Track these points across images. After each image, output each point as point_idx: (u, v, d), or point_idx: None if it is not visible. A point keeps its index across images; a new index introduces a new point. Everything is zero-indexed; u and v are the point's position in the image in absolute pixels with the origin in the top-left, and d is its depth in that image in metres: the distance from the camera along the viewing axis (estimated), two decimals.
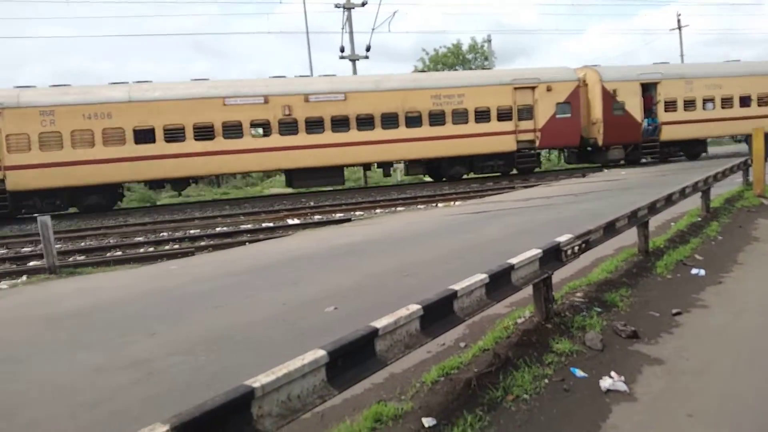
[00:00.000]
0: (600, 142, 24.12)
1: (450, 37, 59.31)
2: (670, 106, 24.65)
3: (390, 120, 21.31)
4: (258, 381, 2.25)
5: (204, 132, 19.51)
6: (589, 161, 25.86)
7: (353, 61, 28.91)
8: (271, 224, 15.49)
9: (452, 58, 44.91)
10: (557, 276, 5.58)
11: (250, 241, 12.70)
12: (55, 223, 10.02)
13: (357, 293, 6.50)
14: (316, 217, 16.29)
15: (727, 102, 25.45)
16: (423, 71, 33.37)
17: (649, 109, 24.69)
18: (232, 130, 19.76)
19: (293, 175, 21.53)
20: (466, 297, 3.85)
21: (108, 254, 12.40)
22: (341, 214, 16.46)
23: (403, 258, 8.34)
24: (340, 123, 20.72)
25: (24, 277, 9.91)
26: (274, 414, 2.34)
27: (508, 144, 22.81)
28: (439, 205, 17.38)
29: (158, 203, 22.10)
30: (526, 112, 23.13)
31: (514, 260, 4.45)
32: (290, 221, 15.78)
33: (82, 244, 14.07)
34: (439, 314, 3.56)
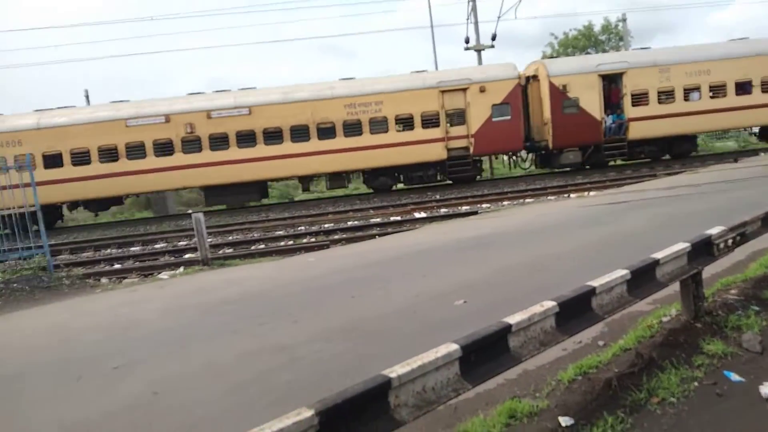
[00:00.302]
0: (550, 145, 21.40)
1: (580, 20, 56.01)
2: (640, 99, 21.26)
3: (300, 132, 20.21)
4: (394, 371, 2.33)
5: (108, 154, 19.82)
6: (545, 166, 23.11)
7: (478, 51, 28.45)
8: (398, 218, 15.81)
9: (584, 41, 42.52)
10: (707, 271, 5.14)
11: (380, 235, 13.08)
12: (207, 218, 11.00)
13: (486, 287, 6.46)
14: (443, 210, 16.35)
15: (718, 90, 21.57)
16: (552, 57, 31.88)
17: (616, 104, 21.57)
18: (135, 150, 19.88)
19: (205, 193, 21.25)
20: (605, 294, 3.69)
21: (252, 247, 13.43)
22: (468, 207, 16.36)
23: (533, 251, 8.13)
24: (246, 138, 20.05)
25: (181, 269, 11.02)
26: (410, 404, 2.41)
27: (436, 153, 20.69)
28: (572, 195, 16.65)
29: (296, 199, 23.36)
30: (458, 117, 20.95)
31: (658, 255, 4.17)
32: (417, 215, 15.98)
33: (230, 237, 15.34)
34: (575, 311, 3.44)
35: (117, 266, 12.64)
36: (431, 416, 3.49)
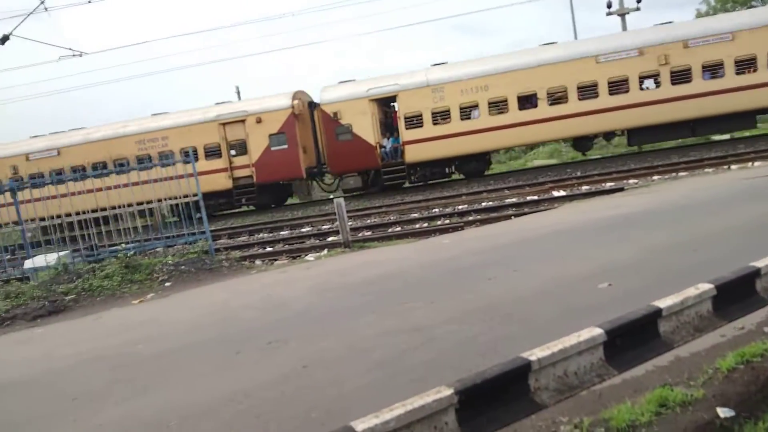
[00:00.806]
0: (331, 171, 21.55)
1: None
2: (414, 121, 20.00)
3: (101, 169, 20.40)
4: (534, 354, 2.30)
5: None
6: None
7: (622, 16, 26.42)
8: (535, 197, 15.31)
9: None
10: None
11: (516, 215, 12.78)
12: (347, 203, 11.48)
13: (633, 269, 6.08)
14: (584, 188, 15.54)
15: (497, 106, 19.76)
16: (708, 14, 28.66)
17: (396, 128, 20.52)
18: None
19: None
20: None
21: (389, 230, 13.81)
22: (612, 184, 15.39)
23: (687, 230, 7.48)
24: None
25: (325, 251, 11.64)
26: (551, 388, 2.37)
27: (221, 182, 20.95)
28: (733, 167, 14.98)
29: (429, 182, 23.49)
30: (240, 147, 21.28)
31: None
32: (555, 193, 15.35)
33: (368, 221, 15.89)
34: (737, 295, 3.13)
35: (269, 249, 13.68)
36: (573, 401, 3.40)
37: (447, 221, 13.78)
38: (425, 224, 13.94)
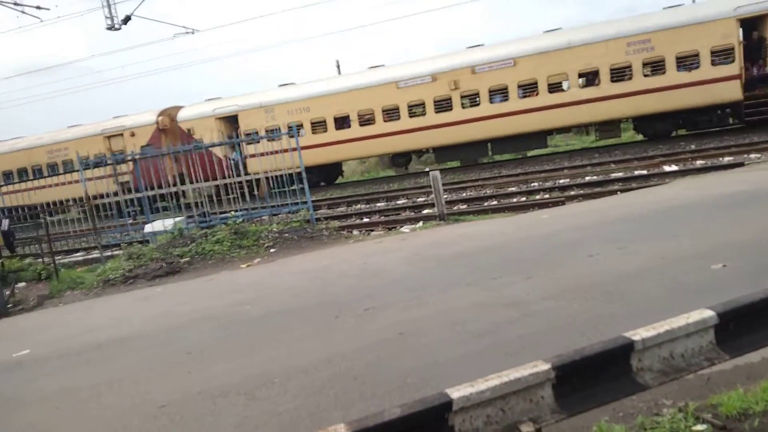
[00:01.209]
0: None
1: None
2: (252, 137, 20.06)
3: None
4: (638, 334, 2.23)
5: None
6: None
7: None
8: (644, 172, 14.44)
9: None
10: None
11: (622, 190, 12.15)
12: (442, 176, 11.45)
13: (752, 250, 5.63)
14: (698, 163, 14.44)
15: (319, 125, 21.99)
16: None
17: None
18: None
19: None
20: None
21: (485, 203, 13.63)
22: (731, 158, 14.18)
23: None
24: None
25: (420, 223, 11.72)
26: (655, 369, 2.29)
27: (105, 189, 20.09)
28: None
29: (528, 154, 22.87)
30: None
31: None
32: (667, 168, 14.39)
33: (464, 194, 15.76)
34: None
35: (365, 220, 13.99)
36: (678, 384, 3.25)
37: (547, 196, 13.37)
38: (523, 198, 13.62)
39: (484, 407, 1.93)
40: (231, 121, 23.33)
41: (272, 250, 10.08)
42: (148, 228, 11.98)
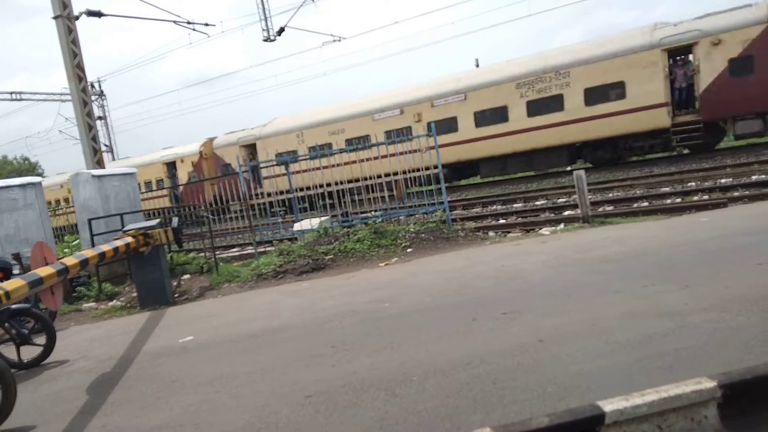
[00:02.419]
0: None
1: None
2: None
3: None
4: None
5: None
6: None
7: None
8: None
9: None
10: None
11: None
12: (587, 175, 10.90)
13: None
14: None
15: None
16: None
17: None
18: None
19: None
20: None
21: (635, 205, 12.74)
22: None
23: None
24: None
25: (561, 225, 11.26)
26: None
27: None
28: None
29: (684, 152, 20.98)
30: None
31: None
32: None
33: (610, 195, 14.86)
34: None
35: (502, 221, 13.73)
36: None
37: (705, 197, 12.18)
38: (678, 199, 12.54)
39: (639, 423, 1.82)
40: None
41: (409, 250, 10.27)
42: (296, 226, 12.79)
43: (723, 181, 13.62)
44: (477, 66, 33.90)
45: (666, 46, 18.64)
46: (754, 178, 13.28)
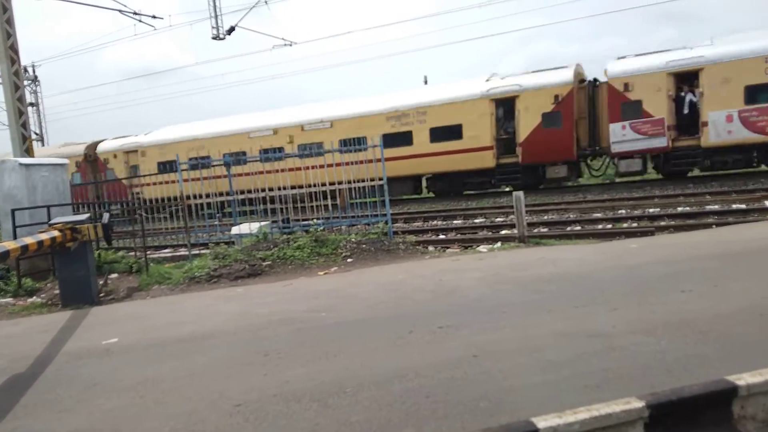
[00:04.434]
0: None
1: None
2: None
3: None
4: (743, 379, 2.07)
5: None
6: None
7: None
8: (743, 206, 13.54)
9: None
10: None
11: (718, 224, 11.44)
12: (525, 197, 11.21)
13: None
14: None
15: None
16: None
17: None
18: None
19: None
20: None
21: (568, 228, 13.21)
22: None
23: None
24: None
25: (498, 243, 11.52)
26: (759, 419, 2.11)
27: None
28: None
29: (617, 180, 22.05)
30: None
31: None
32: None
33: (545, 217, 15.35)
34: None
35: (442, 237, 13.93)
36: None
37: (635, 224, 12.80)
38: (609, 225, 13.11)
39: None
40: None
41: (349, 260, 10.22)
42: (234, 230, 12.49)
43: (651, 210, 14.34)
44: (426, 83, 34.58)
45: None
46: (679, 209, 14.06)
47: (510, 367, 4.39)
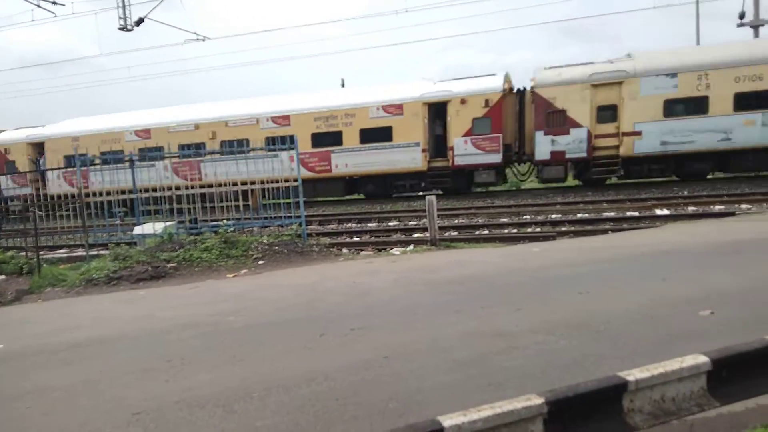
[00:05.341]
0: None
1: None
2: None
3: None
4: (632, 375, 2.20)
5: None
6: None
7: (755, 27, 24.58)
8: (636, 213, 14.57)
9: None
10: None
11: (613, 230, 12.22)
12: (438, 202, 11.44)
13: (740, 299, 5.63)
14: (690, 209, 14.58)
15: None
16: None
17: None
18: None
19: None
20: None
21: (477, 232, 13.64)
22: (722, 207, 14.34)
23: None
24: None
25: (411, 246, 11.69)
26: (645, 411, 2.26)
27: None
28: None
29: (522, 187, 23.07)
30: None
31: None
32: (659, 212, 14.52)
33: (456, 221, 15.77)
34: None
35: (356, 239, 13.94)
36: (663, 428, 3.21)
37: (538, 229, 13.42)
38: (515, 230, 13.65)
39: None
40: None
41: (260, 262, 10.00)
42: (137, 230, 11.86)
43: (553, 216, 15.09)
44: (342, 85, 34.52)
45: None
46: (579, 215, 14.90)
47: (419, 368, 4.46)
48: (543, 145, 19.87)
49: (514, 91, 21.08)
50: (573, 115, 19.53)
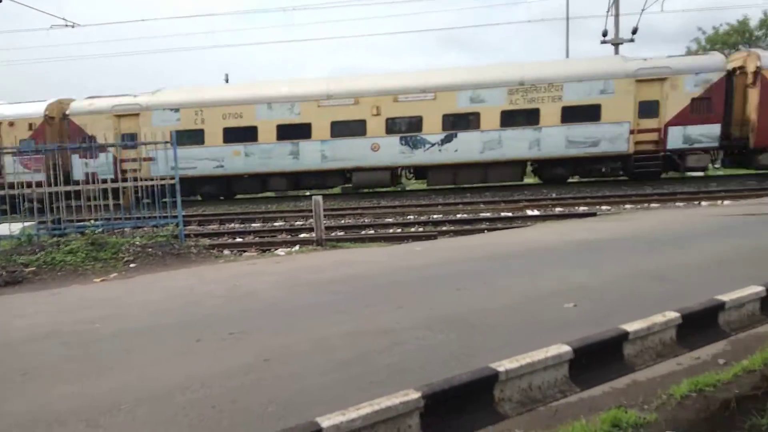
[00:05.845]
0: None
1: (729, 14, 50.43)
2: None
3: None
4: (502, 366, 2.31)
5: None
6: None
7: (616, 45, 27.16)
8: (509, 214, 15.47)
9: (735, 37, 38.82)
10: None
11: (489, 230, 12.89)
12: (324, 202, 11.39)
13: (599, 293, 6.16)
14: (558, 210, 15.77)
15: None
16: (695, 53, 30.69)
17: None
18: None
19: None
20: (734, 310, 3.40)
21: (363, 232, 13.77)
22: (585, 208, 15.66)
23: (654, 260, 7.63)
24: None
25: (297, 247, 11.56)
26: (514, 400, 2.38)
27: None
28: (703, 203, 15.40)
29: (408, 188, 23.64)
30: None
31: None
32: (529, 212, 15.54)
33: (342, 221, 15.82)
34: (700, 325, 3.21)
35: (239, 240, 13.52)
36: (530, 415, 3.41)
37: (421, 229, 13.81)
38: (399, 230, 13.95)
39: None
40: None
41: (132, 265, 9.37)
42: None
43: (435, 216, 15.62)
44: (227, 81, 33.41)
45: None
46: (458, 216, 15.54)
47: (301, 369, 4.39)
48: (78, 168, 19.57)
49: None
50: (102, 140, 18.99)
